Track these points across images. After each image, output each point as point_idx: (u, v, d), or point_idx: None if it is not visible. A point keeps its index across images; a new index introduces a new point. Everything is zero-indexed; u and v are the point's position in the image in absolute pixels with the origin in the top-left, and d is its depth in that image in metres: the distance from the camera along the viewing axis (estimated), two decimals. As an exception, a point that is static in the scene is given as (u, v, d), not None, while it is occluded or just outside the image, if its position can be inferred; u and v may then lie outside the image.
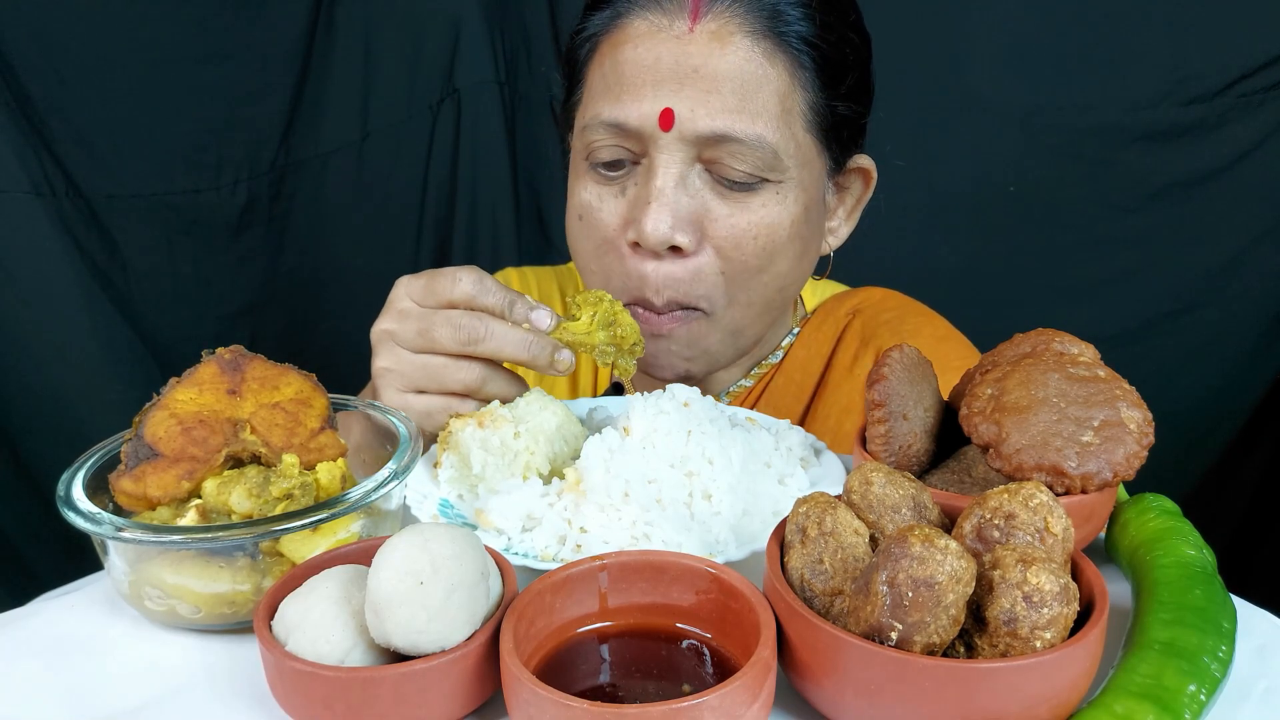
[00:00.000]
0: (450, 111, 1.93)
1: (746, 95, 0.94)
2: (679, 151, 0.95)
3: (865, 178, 1.11)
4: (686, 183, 0.96)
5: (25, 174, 1.56)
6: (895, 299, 1.21)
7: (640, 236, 0.95)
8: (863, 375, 1.11)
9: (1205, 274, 1.78)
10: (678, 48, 0.95)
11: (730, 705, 0.54)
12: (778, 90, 0.96)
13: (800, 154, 0.99)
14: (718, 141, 0.94)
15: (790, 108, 0.97)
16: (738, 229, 0.97)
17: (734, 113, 0.94)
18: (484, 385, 0.88)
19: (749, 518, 0.79)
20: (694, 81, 0.94)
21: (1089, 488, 0.66)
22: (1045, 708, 0.55)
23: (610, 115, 0.97)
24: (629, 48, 0.97)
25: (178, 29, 1.64)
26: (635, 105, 0.95)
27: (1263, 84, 1.66)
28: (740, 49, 0.95)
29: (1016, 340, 0.77)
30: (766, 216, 0.98)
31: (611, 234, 1.00)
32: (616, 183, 1.00)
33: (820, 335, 1.18)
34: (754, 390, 1.17)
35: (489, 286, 0.88)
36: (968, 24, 1.73)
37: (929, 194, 1.82)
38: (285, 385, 0.81)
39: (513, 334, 0.86)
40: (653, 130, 0.95)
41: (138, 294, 1.71)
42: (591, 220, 1.01)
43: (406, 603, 0.58)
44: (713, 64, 0.94)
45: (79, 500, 0.71)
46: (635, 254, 0.98)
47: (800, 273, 1.06)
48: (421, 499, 0.82)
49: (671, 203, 0.95)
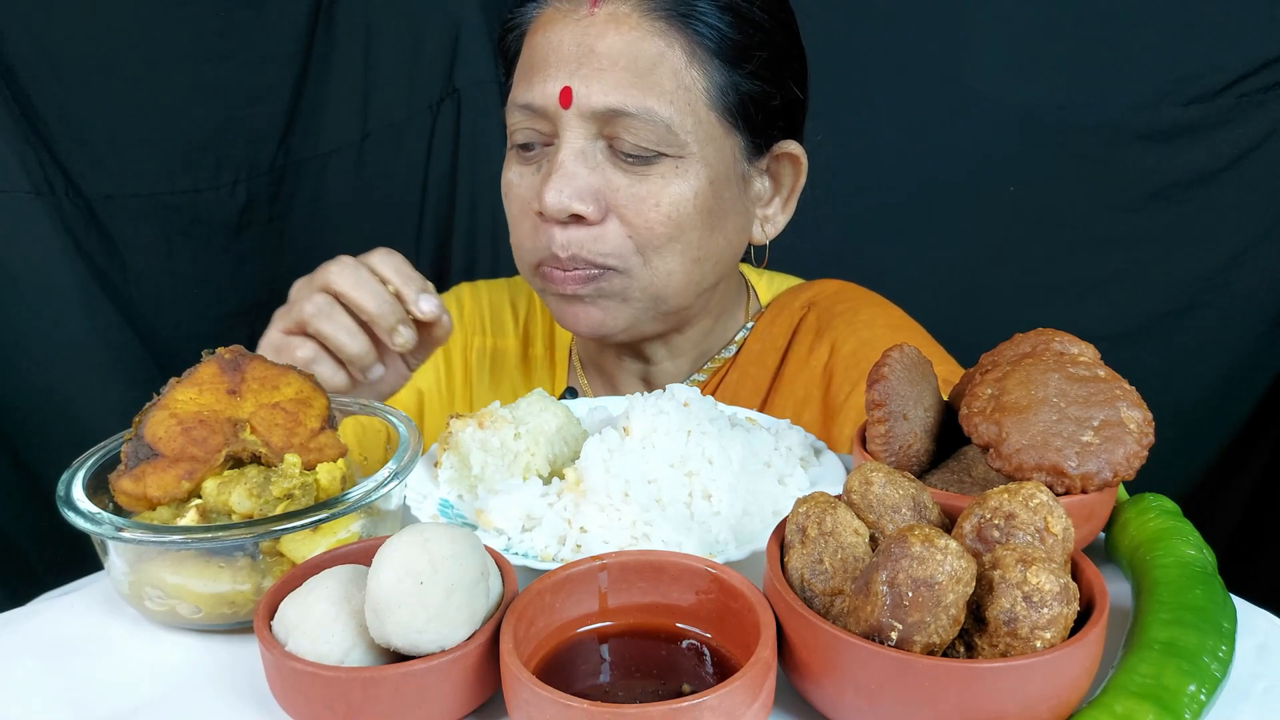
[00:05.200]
0: (450, 111, 1.92)
1: (640, 73, 0.99)
2: (580, 128, 1.01)
3: (796, 165, 1.13)
4: (588, 157, 1.02)
5: (25, 174, 1.56)
6: (850, 290, 1.23)
7: (542, 206, 1.01)
8: (818, 367, 1.13)
9: (1205, 274, 1.78)
10: (579, 30, 1.01)
11: (730, 705, 0.54)
12: (673, 68, 1.00)
13: (702, 130, 1.02)
14: (613, 117, 1.00)
15: (689, 85, 1.01)
16: (638, 197, 1.02)
17: (626, 88, 0.99)
18: (311, 364, 0.96)
19: (749, 518, 0.79)
20: (591, 61, 1.00)
21: (1089, 488, 0.66)
22: (1045, 708, 0.55)
23: (522, 98, 1.04)
24: (540, 34, 1.04)
25: (178, 29, 1.64)
26: (541, 86, 1.02)
27: (1263, 84, 1.66)
28: (636, 29, 1.00)
29: (1016, 340, 0.77)
30: (666, 187, 1.02)
31: (526, 206, 1.06)
32: (533, 161, 1.06)
33: (775, 329, 1.20)
34: (708, 384, 1.19)
35: (364, 277, 0.96)
36: (968, 24, 1.73)
37: (928, 193, 1.82)
38: (285, 385, 0.81)
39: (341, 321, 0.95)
40: (555, 109, 1.01)
41: (138, 294, 1.70)
42: (510, 195, 1.09)
43: (406, 603, 0.58)
44: (608, 44, 1.00)
45: (79, 500, 0.71)
46: (543, 223, 1.04)
47: (718, 249, 1.08)
48: (421, 499, 0.82)
49: (570, 174, 1.01)
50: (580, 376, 1.26)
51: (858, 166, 1.76)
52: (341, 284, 0.95)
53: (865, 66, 1.74)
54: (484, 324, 1.31)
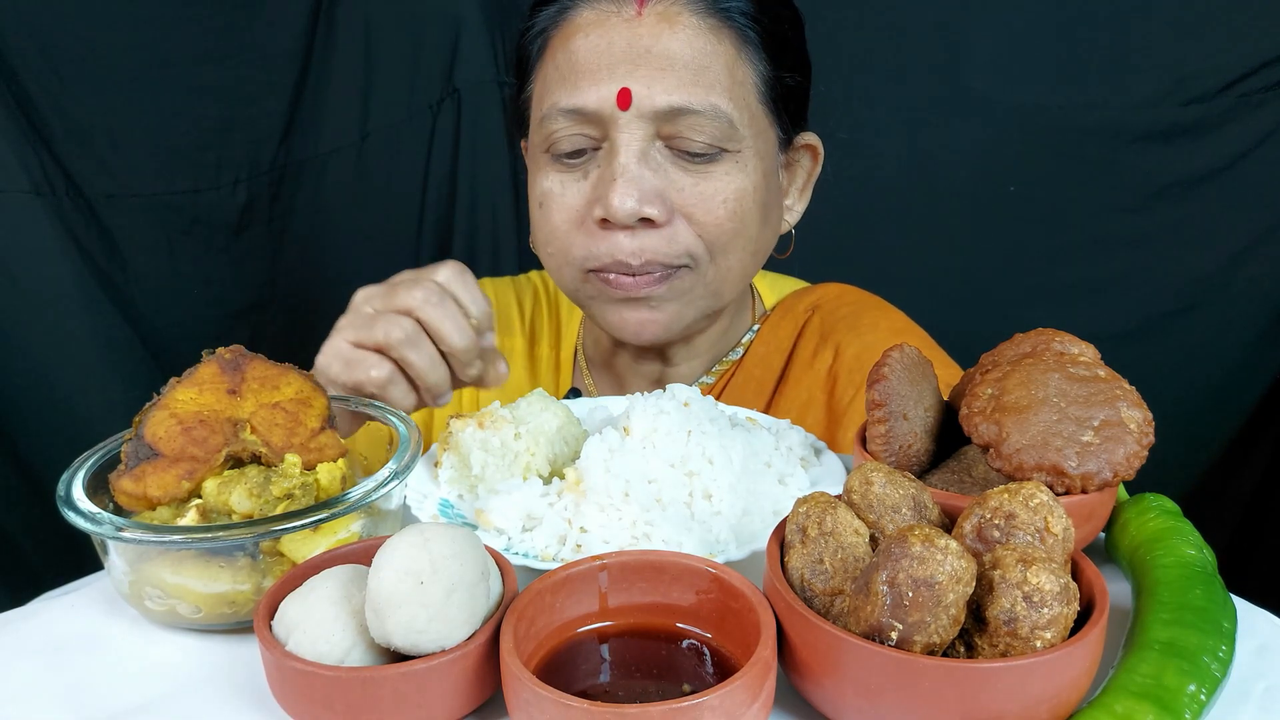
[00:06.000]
0: (450, 111, 1.93)
1: (699, 70, 0.99)
2: (639, 129, 0.99)
3: (813, 154, 1.15)
4: (648, 159, 1.00)
5: (25, 174, 1.56)
6: (853, 294, 1.23)
7: (608, 212, 0.99)
8: (822, 371, 1.14)
9: (1205, 274, 1.78)
10: (629, 31, 1.00)
11: (730, 705, 0.54)
12: (726, 64, 1.00)
13: (754, 124, 1.03)
14: (675, 115, 0.99)
15: (741, 79, 1.02)
16: (704, 195, 1.01)
17: (689, 86, 0.98)
18: (385, 386, 0.91)
19: (749, 517, 0.79)
20: (647, 61, 0.99)
21: (1089, 488, 0.66)
22: (1045, 708, 0.55)
23: (569, 102, 1.01)
24: (580, 37, 1.01)
25: (177, 29, 1.63)
26: (593, 89, 0.99)
27: (1263, 84, 1.66)
28: (689, 27, 1.00)
29: (1016, 340, 0.77)
30: (730, 184, 1.02)
31: (575, 215, 1.04)
32: (578, 169, 1.04)
33: (780, 331, 1.20)
34: (715, 386, 1.19)
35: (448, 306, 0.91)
36: (968, 24, 1.73)
37: (929, 193, 1.82)
38: (285, 385, 0.81)
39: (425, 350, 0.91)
40: (611, 111, 0.99)
41: (138, 294, 1.70)
42: (553, 205, 1.05)
43: (406, 603, 0.58)
44: (664, 43, 0.99)
45: (79, 500, 0.71)
46: (605, 229, 1.02)
47: (767, 241, 1.10)
48: (421, 499, 0.82)
49: (636, 178, 0.99)
50: (585, 377, 1.26)
51: (858, 167, 1.76)
52: (431, 315, 0.90)
53: (865, 66, 1.74)
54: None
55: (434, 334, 0.91)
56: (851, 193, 1.70)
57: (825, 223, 1.22)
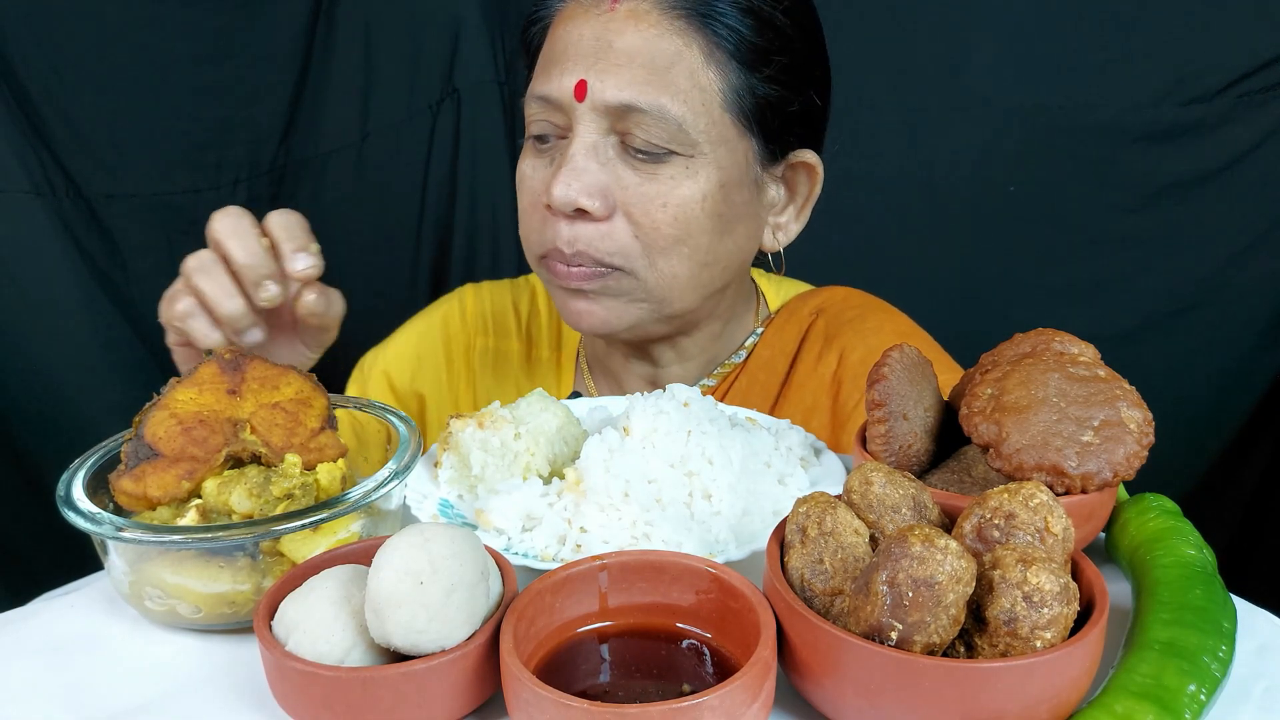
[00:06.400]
0: (450, 111, 1.92)
1: (656, 69, 0.99)
2: (593, 122, 1.01)
3: (811, 174, 1.12)
4: (599, 152, 1.01)
5: (25, 174, 1.56)
6: (858, 297, 1.23)
7: (550, 199, 1.01)
8: (827, 374, 1.13)
9: (1205, 274, 1.78)
10: (600, 25, 1.01)
11: (730, 705, 0.54)
12: (689, 67, 1.00)
13: (715, 132, 1.02)
14: (626, 112, 0.99)
15: (704, 85, 1.01)
16: (646, 196, 1.01)
17: (640, 85, 0.99)
18: (186, 319, 0.92)
19: (749, 517, 0.79)
20: (608, 55, 1.00)
21: (1089, 488, 0.66)
22: (1045, 708, 0.55)
23: (540, 89, 1.04)
24: (562, 28, 1.04)
25: (178, 29, 1.63)
26: (559, 79, 1.02)
27: (1263, 84, 1.66)
28: (655, 26, 1.00)
29: (1016, 340, 0.77)
30: (676, 188, 1.01)
31: (536, 198, 1.06)
32: (546, 154, 1.06)
33: (784, 335, 1.19)
34: (717, 390, 1.18)
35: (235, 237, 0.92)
36: (968, 24, 1.73)
37: (929, 194, 1.82)
38: (285, 385, 0.81)
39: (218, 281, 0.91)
40: (569, 101, 1.01)
41: (138, 294, 1.70)
42: (523, 186, 1.09)
43: (406, 603, 0.58)
44: (626, 39, 1.00)
45: (79, 500, 0.71)
46: (551, 215, 1.04)
47: (726, 253, 1.07)
48: (421, 499, 0.82)
49: (580, 169, 1.00)
50: (586, 378, 1.26)
51: (858, 167, 1.76)
52: (217, 229, 0.91)
53: (865, 66, 1.73)
54: (486, 325, 1.31)
55: (222, 251, 0.91)
56: (851, 193, 1.70)
57: (823, 222, 1.22)
